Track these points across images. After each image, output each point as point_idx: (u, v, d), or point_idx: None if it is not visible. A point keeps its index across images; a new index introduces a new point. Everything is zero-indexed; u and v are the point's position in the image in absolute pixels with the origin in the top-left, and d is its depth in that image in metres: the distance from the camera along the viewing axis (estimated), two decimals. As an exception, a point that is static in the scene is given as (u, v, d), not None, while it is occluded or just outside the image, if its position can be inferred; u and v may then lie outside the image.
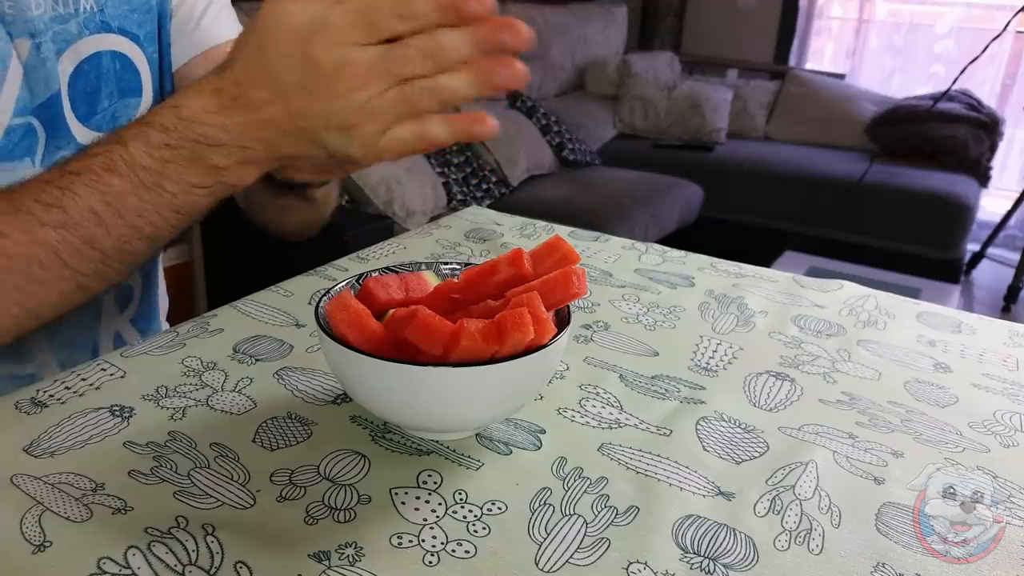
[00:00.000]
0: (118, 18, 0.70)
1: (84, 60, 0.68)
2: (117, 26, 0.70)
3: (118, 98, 0.71)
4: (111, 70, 0.70)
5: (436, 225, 0.97)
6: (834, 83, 3.91)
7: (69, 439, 0.52)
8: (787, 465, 0.53)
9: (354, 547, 0.44)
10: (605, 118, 3.74)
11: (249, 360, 0.63)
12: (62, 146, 0.68)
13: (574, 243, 0.86)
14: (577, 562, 0.44)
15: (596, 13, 3.94)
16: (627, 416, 0.58)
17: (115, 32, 0.70)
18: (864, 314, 0.78)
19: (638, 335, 0.71)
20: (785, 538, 0.46)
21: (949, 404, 0.63)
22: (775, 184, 3.35)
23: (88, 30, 0.68)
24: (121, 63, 0.71)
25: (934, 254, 3.14)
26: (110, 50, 0.70)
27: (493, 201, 2.71)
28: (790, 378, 0.65)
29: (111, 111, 0.71)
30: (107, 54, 0.70)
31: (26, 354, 0.73)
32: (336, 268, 0.82)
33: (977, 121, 3.42)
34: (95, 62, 0.69)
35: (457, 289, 0.53)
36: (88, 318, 0.77)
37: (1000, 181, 3.83)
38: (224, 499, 0.47)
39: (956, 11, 4.03)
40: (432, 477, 0.50)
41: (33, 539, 0.43)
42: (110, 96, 0.71)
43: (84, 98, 0.69)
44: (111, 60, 0.70)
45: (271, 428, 0.54)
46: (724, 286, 0.82)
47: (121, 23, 0.70)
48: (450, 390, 0.47)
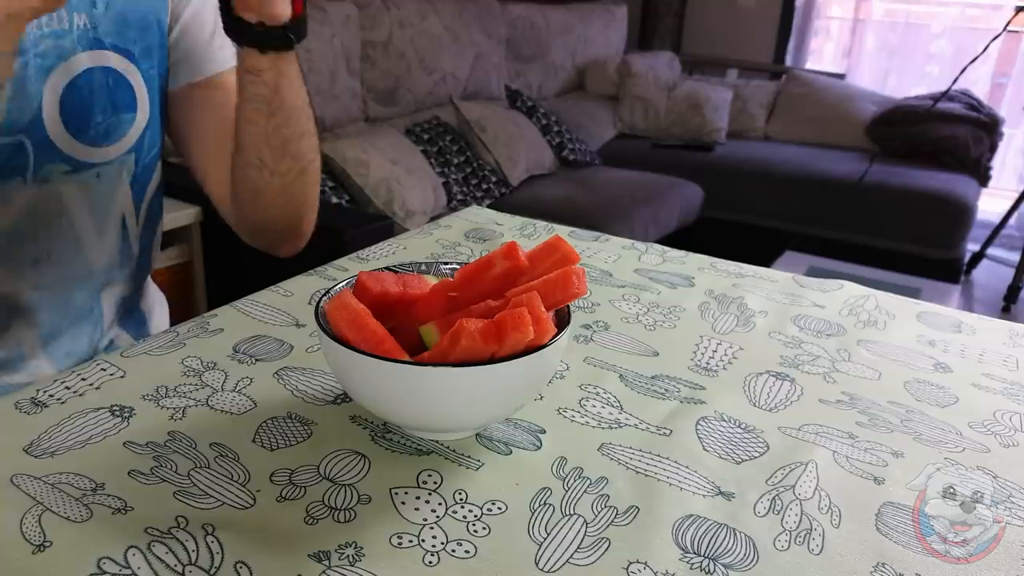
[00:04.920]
0: (112, 35, 0.70)
1: (77, 76, 0.68)
2: (111, 43, 0.70)
3: (112, 113, 0.72)
4: (104, 86, 0.71)
5: (436, 225, 0.97)
6: (834, 83, 3.91)
7: (69, 439, 0.52)
8: (787, 465, 0.53)
9: (354, 547, 0.44)
10: (605, 118, 3.74)
11: (249, 360, 0.63)
12: (49, 160, 0.69)
13: (574, 243, 0.86)
14: (577, 562, 0.44)
15: (596, 13, 3.93)
16: (627, 416, 0.58)
17: (108, 49, 0.70)
18: (864, 314, 0.78)
19: (638, 335, 0.71)
20: (785, 538, 0.46)
21: (949, 404, 0.63)
22: (775, 184, 3.35)
23: (81, 47, 0.68)
24: (114, 79, 0.71)
25: (934, 254, 3.14)
26: (102, 66, 0.70)
27: (493, 201, 2.71)
28: (790, 378, 0.65)
29: (104, 126, 0.71)
30: (99, 70, 0.70)
31: (21, 365, 0.73)
32: (336, 268, 0.82)
33: (977, 121, 3.42)
34: (88, 78, 0.69)
35: (454, 286, 0.53)
36: (89, 329, 0.77)
37: (998, 181, 3.83)
38: (224, 499, 0.47)
39: (951, 11, 4.03)
40: (432, 477, 0.50)
41: (33, 539, 0.43)
42: (103, 111, 0.71)
43: (77, 113, 0.69)
44: (103, 76, 0.70)
45: (271, 428, 0.54)
46: (724, 286, 0.82)
47: (115, 40, 0.71)
48: (450, 390, 0.47)
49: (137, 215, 0.79)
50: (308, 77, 2.39)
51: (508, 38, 3.33)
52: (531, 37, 3.47)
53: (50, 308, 0.73)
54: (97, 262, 0.76)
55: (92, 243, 0.74)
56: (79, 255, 0.74)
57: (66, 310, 0.74)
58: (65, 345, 0.75)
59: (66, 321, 0.75)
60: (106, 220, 0.75)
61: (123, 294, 0.80)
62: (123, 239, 0.78)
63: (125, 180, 0.75)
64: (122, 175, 0.75)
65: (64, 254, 0.72)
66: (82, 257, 0.74)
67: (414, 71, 2.79)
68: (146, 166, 0.77)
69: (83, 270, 0.75)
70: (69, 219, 0.72)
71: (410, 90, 2.79)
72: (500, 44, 3.26)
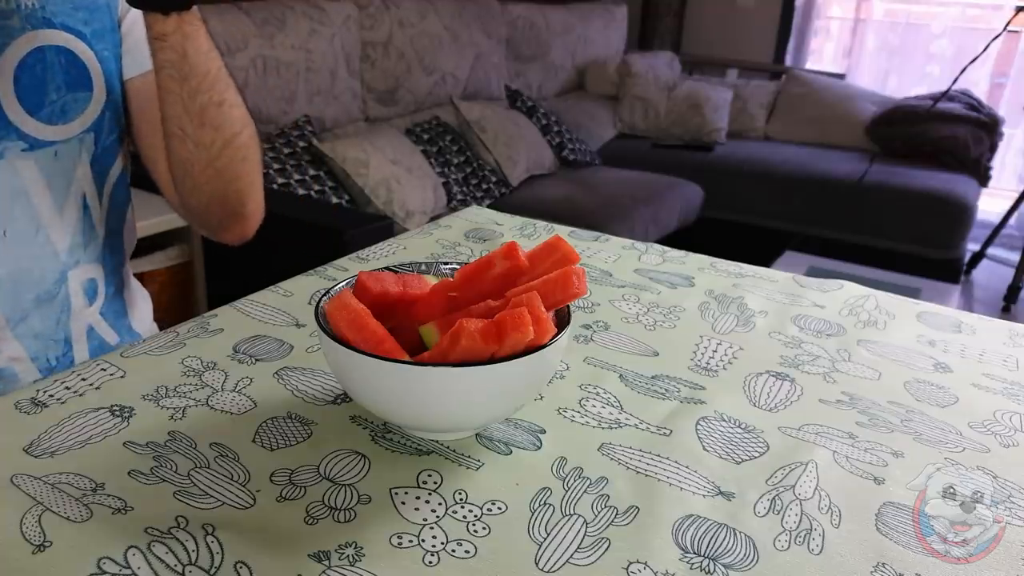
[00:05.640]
0: (60, 15, 0.72)
1: (28, 54, 0.70)
2: (60, 22, 0.72)
3: (67, 91, 0.73)
4: (56, 64, 0.72)
5: (436, 225, 0.97)
6: (834, 83, 3.91)
7: (69, 439, 0.52)
8: (787, 465, 0.53)
9: (354, 547, 0.44)
10: (605, 118, 3.74)
11: (249, 360, 0.63)
12: (10, 138, 0.70)
13: (574, 243, 0.86)
14: (577, 562, 0.44)
15: (596, 13, 3.93)
16: (627, 416, 0.58)
17: (57, 28, 0.72)
18: (864, 314, 0.78)
19: (638, 335, 0.71)
20: (785, 538, 0.46)
21: (949, 404, 0.63)
22: (775, 184, 3.34)
23: (30, 25, 0.70)
24: (67, 58, 0.73)
25: (934, 254, 3.14)
26: (54, 45, 0.72)
27: (493, 201, 2.71)
28: (790, 378, 0.65)
29: (60, 104, 0.73)
30: (51, 48, 0.72)
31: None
32: (336, 268, 0.82)
33: (977, 121, 3.42)
34: (39, 56, 0.71)
35: (454, 286, 0.53)
36: (56, 311, 0.77)
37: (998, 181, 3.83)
38: (224, 499, 0.47)
39: (951, 11, 4.04)
40: (432, 477, 0.50)
41: (33, 539, 0.43)
42: (58, 89, 0.72)
43: (31, 91, 0.71)
44: (55, 55, 0.72)
45: (271, 428, 0.54)
46: (724, 286, 0.82)
47: (64, 20, 0.72)
48: (450, 390, 0.47)
49: (100, 197, 0.80)
50: (308, 77, 2.39)
51: (508, 38, 3.33)
52: (531, 37, 3.47)
53: (13, 288, 0.73)
54: (60, 242, 0.76)
55: (52, 221, 0.75)
56: (40, 233, 0.74)
57: (31, 291, 0.75)
58: (33, 327, 0.76)
59: (32, 302, 0.75)
60: (65, 199, 0.76)
61: (93, 277, 0.81)
62: (85, 220, 0.78)
63: (85, 160, 0.77)
64: (81, 155, 0.76)
65: (24, 232, 0.73)
66: (43, 236, 0.74)
67: (414, 71, 2.79)
68: (107, 148, 0.79)
69: (45, 249, 0.75)
70: (27, 197, 0.73)
71: (410, 90, 2.79)
72: (500, 44, 3.25)
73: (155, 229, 1.66)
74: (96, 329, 0.82)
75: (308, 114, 2.39)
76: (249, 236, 0.85)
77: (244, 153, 0.76)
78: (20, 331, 0.75)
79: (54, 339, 0.78)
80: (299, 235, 1.74)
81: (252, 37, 2.21)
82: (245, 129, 0.76)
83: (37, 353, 0.76)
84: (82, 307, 0.80)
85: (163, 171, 0.82)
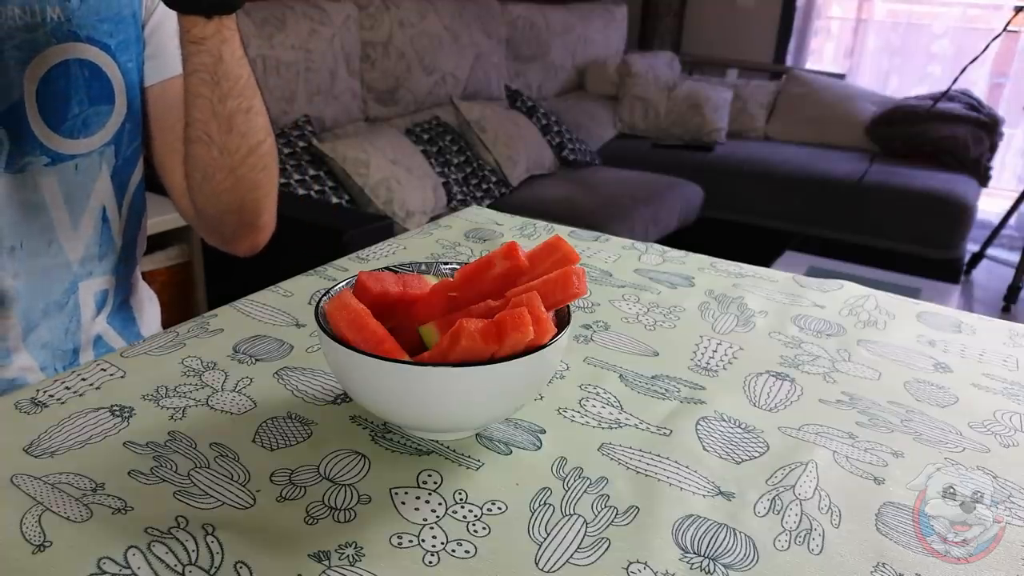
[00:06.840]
0: (86, 27, 0.71)
1: (52, 68, 0.69)
2: (85, 35, 0.71)
3: (88, 105, 0.72)
4: (79, 77, 0.71)
5: (436, 225, 0.97)
6: (834, 83, 3.90)
7: (69, 439, 0.51)
8: (787, 465, 0.53)
9: (354, 547, 0.44)
10: (605, 118, 3.74)
11: (249, 360, 0.63)
12: (28, 152, 0.69)
13: (574, 243, 0.86)
14: (577, 562, 0.44)
15: (596, 13, 3.93)
16: (627, 416, 0.58)
17: (83, 41, 0.71)
18: (864, 314, 0.78)
19: (638, 335, 0.71)
20: (785, 538, 0.46)
21: (949, 404, 0.63)
22: (775, 184, 3.34)
23: (56, 39, 0.69)
24: (90, 71, 0.72)
25: (934, 254, 3.14)
26: (77, 58, 0.71)
27: (493, 201, 2.71)
28: (790, 378, 0.65)
29: (81, 117, 0.72)
30: (75, 62, 0.71)
31: (6, 360, 0.73)
32: (336, 268, 0.82)
33: (977, 121, 3.42)
34: (63, 70, 0.70)
35: (454, 286, 0.53)
36: (65, 321, 0.77)
37: (997, 181, 3.83)
38: (224, 499, 0.47)
39: (953, 11, 4.04)
40: (432, 477, 0.50)
41: (33, 539, 0.43)
42: (80, 103, 0.72)
43: (53, 105, 0.70)
44: (79, 68, 0.71)
45: (271, 428, 0.54)
46: (724, 286, 0.82)
47: (89, 32, 0.71)
48: (450, 390, 0.47)
49: (120, 208, 0.79)
50: (308, 77, 2.39)
51: (508, 38, 3.33)
52: (531, 37, 3.47)
53: (27, 299, 0.73)
54: (73, 253, 0.76)
55: (67, 234, 0.75)
56: (53, 246, 0.74)
57: (41, 302, 0.75)
58: (42, 337, 0.75)
59: (41, 313, 0.75)
60: (82, 212, 0.75)
61: (105, 288, 0.80)
62: (104, 232, 0.78)
63: (105, 173, 0.76)
64: (101, 167, 0.75)
65: (38, 244, 0.73)
66: (56, 248, 0.74)
67: (414, 71, 2.79)
68: (127, 159, 0.78)
69: (58, 261, 0.75)
70: (44, 210, 0.72)
71: (410, 90, 2.79)
72: (500, 44, 3.25)
73: (155, 229, 1.66)
74: (104, 337, 0.82)
75: (308, 114, 2.39)
76: (260, 248, 0.84)
77: (266, 162, 0.76)
78: (30, 341, 0.75)
79: (63, 349, 0.77)
80: (299, 235, 1.74)
81: (252, 37, 2.21)
82: (268, 138, 0.76)
83: (46, 363, 0.76)
84: (91, 317, 0.80)
85: (178, 179, 0.80)
